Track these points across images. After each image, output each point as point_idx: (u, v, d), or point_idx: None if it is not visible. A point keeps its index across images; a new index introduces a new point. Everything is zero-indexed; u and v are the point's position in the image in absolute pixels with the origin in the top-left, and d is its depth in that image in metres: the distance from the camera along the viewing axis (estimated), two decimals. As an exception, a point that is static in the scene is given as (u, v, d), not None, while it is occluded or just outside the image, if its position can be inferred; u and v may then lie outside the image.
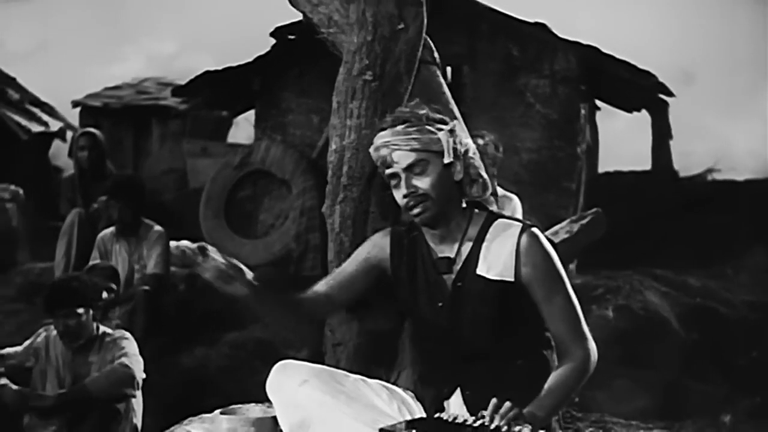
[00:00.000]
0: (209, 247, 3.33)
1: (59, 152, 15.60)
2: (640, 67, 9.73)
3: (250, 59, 10.58)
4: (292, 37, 9.70)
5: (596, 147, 11.32)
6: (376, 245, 3.61)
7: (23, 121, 14.34)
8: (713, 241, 9.76)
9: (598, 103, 11.31)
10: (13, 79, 15.23)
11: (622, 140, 12.87)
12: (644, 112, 11.42)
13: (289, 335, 6.92)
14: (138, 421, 5.98)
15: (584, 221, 5.40)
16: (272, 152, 9.53)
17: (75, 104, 16.49)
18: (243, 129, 13.81)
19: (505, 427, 2.99)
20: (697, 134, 16.38)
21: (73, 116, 16.50)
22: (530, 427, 3.00)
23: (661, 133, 11.43)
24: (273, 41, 10.14)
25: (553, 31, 9.49)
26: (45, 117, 15.17)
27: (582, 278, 8.25)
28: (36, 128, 14.55)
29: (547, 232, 6.01)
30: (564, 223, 5.76)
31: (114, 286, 7.24)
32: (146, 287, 7.52)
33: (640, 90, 10.17)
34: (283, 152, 9.54)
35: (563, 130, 9.43)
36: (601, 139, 11.72)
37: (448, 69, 10.59)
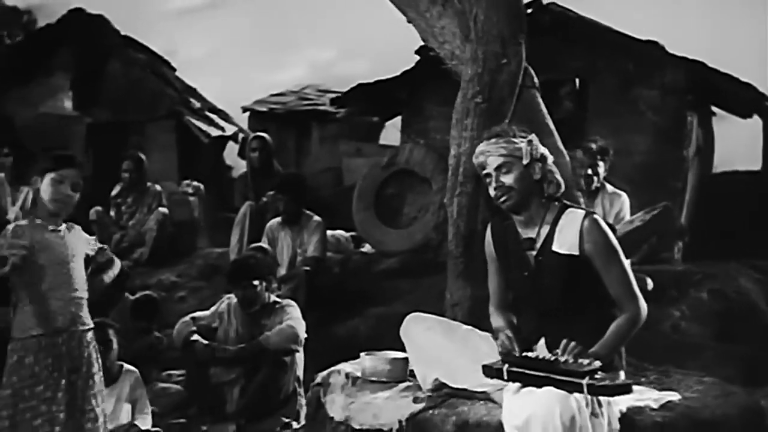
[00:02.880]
0: None
1: (229, 152, 15.64)
2: (743, 79, 9.77)
3: (398, 73, 10.86)
4: (434, 53, 10.05)
5: (711, 149, 11.30)
6: (486, 243, 4.41)
7: (204, 127, 14.69)
8: (815, 235, 9.54)
9: (714, 109, 11.31)
10: (194, 90, 15.54)
11: (738, 143, 12.81)
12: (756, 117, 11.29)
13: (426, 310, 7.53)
14: (300, 372, 6.60)
15: (655, 212, 6.04)
16: (415, 154, 9.77)
17: (244, 110, 16.67)
18: (393, 132, 13.71)
19: (571, 360, 3.77)
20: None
21: (242, 120, 16.54)
22: (591, 359, 3.75)
23: (771, 137, 11.41)
24: (417, 57, 10.35)
25: (665, 48, 9.68)
26: (221, 122, 15.39)
27: (684, 266, 8.53)
28: (214, 132, 14.86)
29: (624, 221, 6.70)
30: (639, 213, 6.40)
31: None
32: (307, 268, 8.07)
33: (742, 100, 10.26)
34: (425, 154, 9.70)
35: (671, 136, 9.60)
36: (718, 141, 11.72)
37: (576, 81, 10.77)
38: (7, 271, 4.35)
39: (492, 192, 4.16)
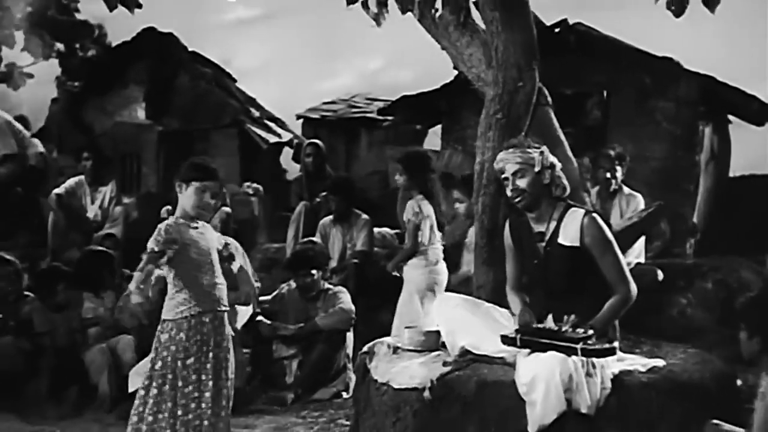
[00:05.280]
0: None
1: (285, 156, 15.63)
2: (749, 92, 10.02)
3: (438, 86, 11.16)
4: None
5: (728, 155, 11.42)
6: (505, 235, 5.01)
7: (263, 134, 14.77)
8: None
9: (731, 117, 11.29)
10: (254, 100, 15.71)
11: (755, 149, 12.84)
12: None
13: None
14: (350, 350, 7.14)
15: (649, 210, 6.61)
16: (454, 159, 10.19)
17: (298, 117, 16.47)
18: (435, 138, 12.94)
19: (571, 329, 4.41)
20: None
21: (296, 126, 16.47)
22: (586, 329, 4.38)
23: (783, 143, 11.50)
24: (455, 72, 10.04)
25: (680, 63, 9.98)
26: (278, 129, 15.48)
27: (694, 260, 9.00)
28: (272, 139, 14.89)
29: (624, 217, 7.24)
30: (637, 211, 6.98)
31: None
32: (355, 260, 8.53)
33: (751, 110, 10.40)
34: (462, 159, 10.05)
35: (684, 143, 9.93)
36: (735, 147, 11.81)
37: (605, 93, 10.81)
38: (165, 262, 4.75)
39: (509, 193, 4.78)
